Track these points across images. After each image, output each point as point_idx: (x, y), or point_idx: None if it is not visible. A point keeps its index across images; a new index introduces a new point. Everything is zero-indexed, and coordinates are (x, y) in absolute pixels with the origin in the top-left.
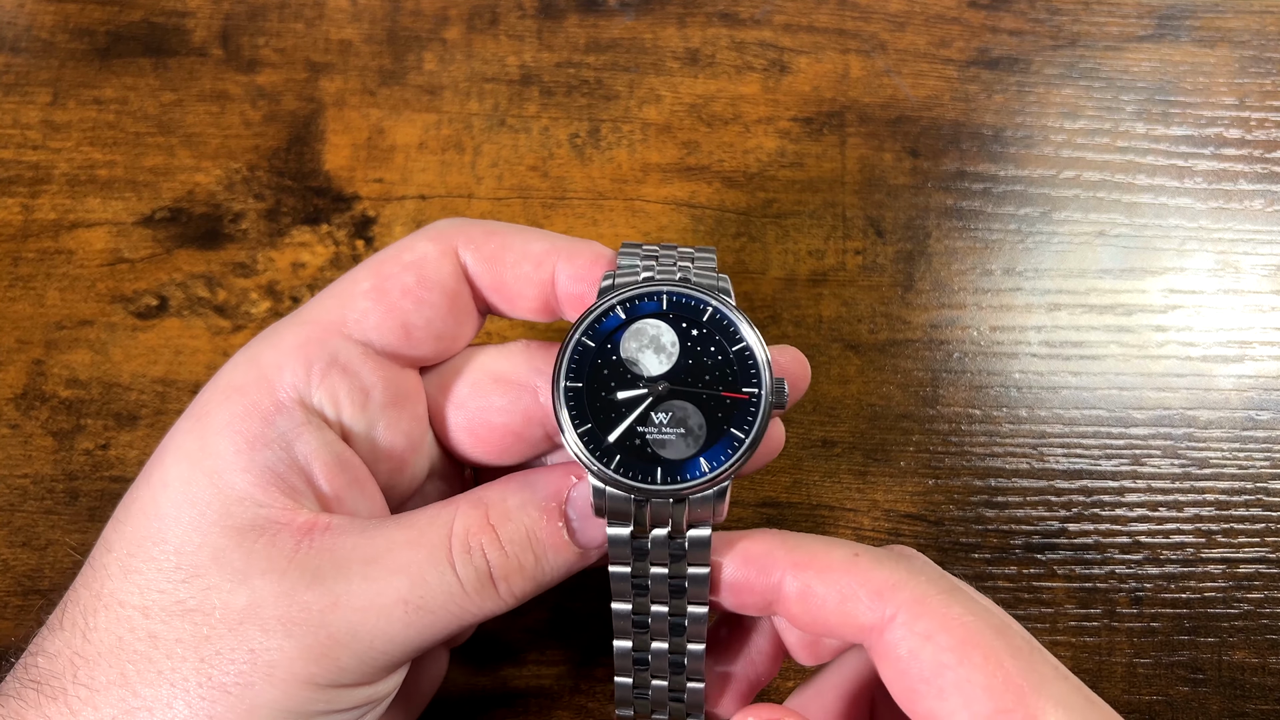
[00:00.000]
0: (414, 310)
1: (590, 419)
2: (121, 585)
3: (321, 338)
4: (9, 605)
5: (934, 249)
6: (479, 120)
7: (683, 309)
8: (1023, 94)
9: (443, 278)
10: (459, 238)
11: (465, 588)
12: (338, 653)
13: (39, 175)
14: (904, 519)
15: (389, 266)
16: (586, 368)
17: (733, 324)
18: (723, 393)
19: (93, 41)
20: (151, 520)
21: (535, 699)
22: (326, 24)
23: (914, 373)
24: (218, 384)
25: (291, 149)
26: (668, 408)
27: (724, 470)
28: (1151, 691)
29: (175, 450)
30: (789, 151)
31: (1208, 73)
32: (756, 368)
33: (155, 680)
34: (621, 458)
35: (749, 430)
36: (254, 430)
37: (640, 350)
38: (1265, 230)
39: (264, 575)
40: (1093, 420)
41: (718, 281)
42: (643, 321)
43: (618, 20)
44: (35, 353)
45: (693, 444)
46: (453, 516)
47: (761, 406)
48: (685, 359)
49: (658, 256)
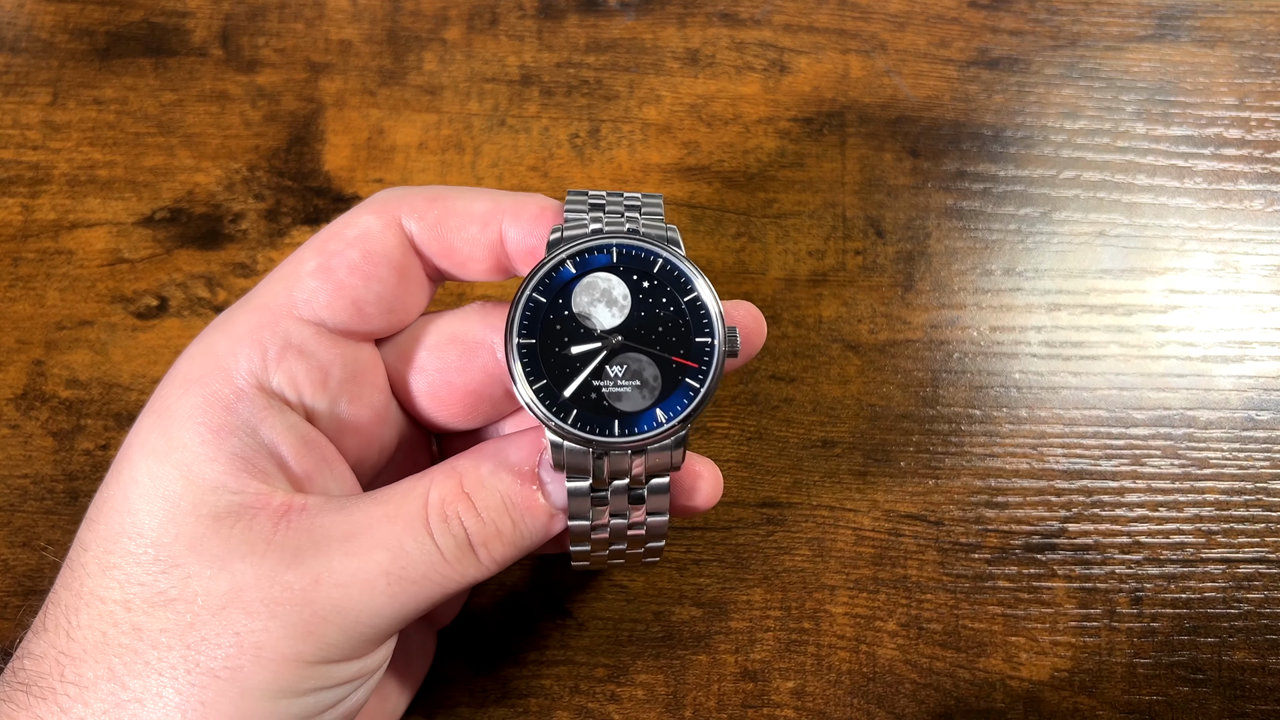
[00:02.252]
0: (363, 286)
1: (545, 374)
2: (101, 581)
3: (273, 322)
4: (9, 605)
5: (934, 249)
6: (479, 120)
7: (633, 261)
8: (1023, 94)
9: (388, 250)
10: (401, 207)
11: (445, 556)
12: (324, 629)
13: (39, 175)
14: (904, 519)
15: (333, 244)
16: (539, 323)
17: (684, 274)
18: (673, 359)
19: (93, 41)
20: (124, 516)
21: (535, 699)
22: (326, 24)
23: (914, 373)
24: (175, 377)
25: (291, 149)
26: (622, 360)
27: (680, 419)
28: (1151, 691)
29: (140, 447)
30: (789, 151)
31: (1208, 73)
32: (709, 317)
33: (143, 671)
34: (578, 412)
35: (704, 379)
36: (217, 419)
37: (592, 304)
38: (1265, 230)
39: (244, 559)
40: (1093, 420)
41: (666, 232)
42: (594, 275)
43: (618, 20)
44: (35, 353)
45: (648, 395)
46: (428, 488)
47: (715, 355)
48: (638, 311)
49: (604, 206)
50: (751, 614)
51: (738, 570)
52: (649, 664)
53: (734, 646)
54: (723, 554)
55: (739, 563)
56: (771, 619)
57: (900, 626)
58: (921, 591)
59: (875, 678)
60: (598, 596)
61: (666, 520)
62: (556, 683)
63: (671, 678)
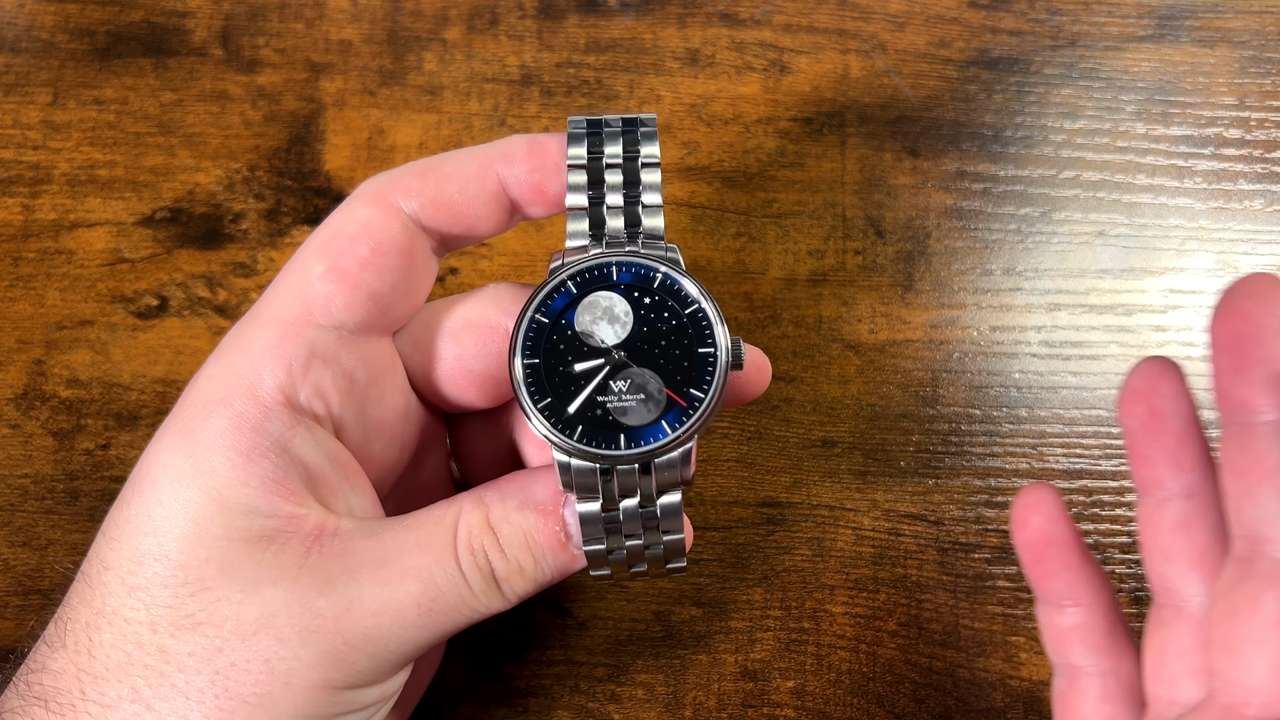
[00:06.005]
0: (377, 279)
1: (550, 393)
2: (125, 601)
3: (294, 333)
4: (9, 605)
5: (934, 249)
6: (479, 120)
7: (633, 278)
8: (1023, 94)
9: (394, 237)
10: (395, 191)
11: (473, 589)
12: (354, 657)
13: (39, 175)
14: (904, 519)
15: (337, 243)
16: (542, 344)
17: (683, 288)
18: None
19: (93, 41)
20: (149, 537)
21: (535, 699)
22: (326, 24)
23: (914, 373)
24: (196, 398)
25: (292, 149)
26: (626, 375)
27: (686, 430)
28: None
29: (164, 469)
30: (789, 151)
31: (1208, 73)
32: (710, 328)
33: (169, 694)
34: (584, 428)
35: (708, 389)
36: (247, 441)
37: (594, 322)
38: (1265, 230)
39: (275, 584)
40: (1093, 420)
41: (665, 253)
42: (595, 294)
43: (618, 20)
44: (35, 353)
45: (653, 409)
46: (456, 518)
47: (719, 366)
48: (640, 326)
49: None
50: (751, 613)
51: (738, 570)
52: (649, 663)
53: (734, 646)
54: (723, 553)
55: (739, 562)
56: (771, 619)
57: (900, 626)
58: (921, 591)
59: (875, 677)
60: (598, 596)
61: (683, 539)
62: (556, 683)
63: (671, 677)
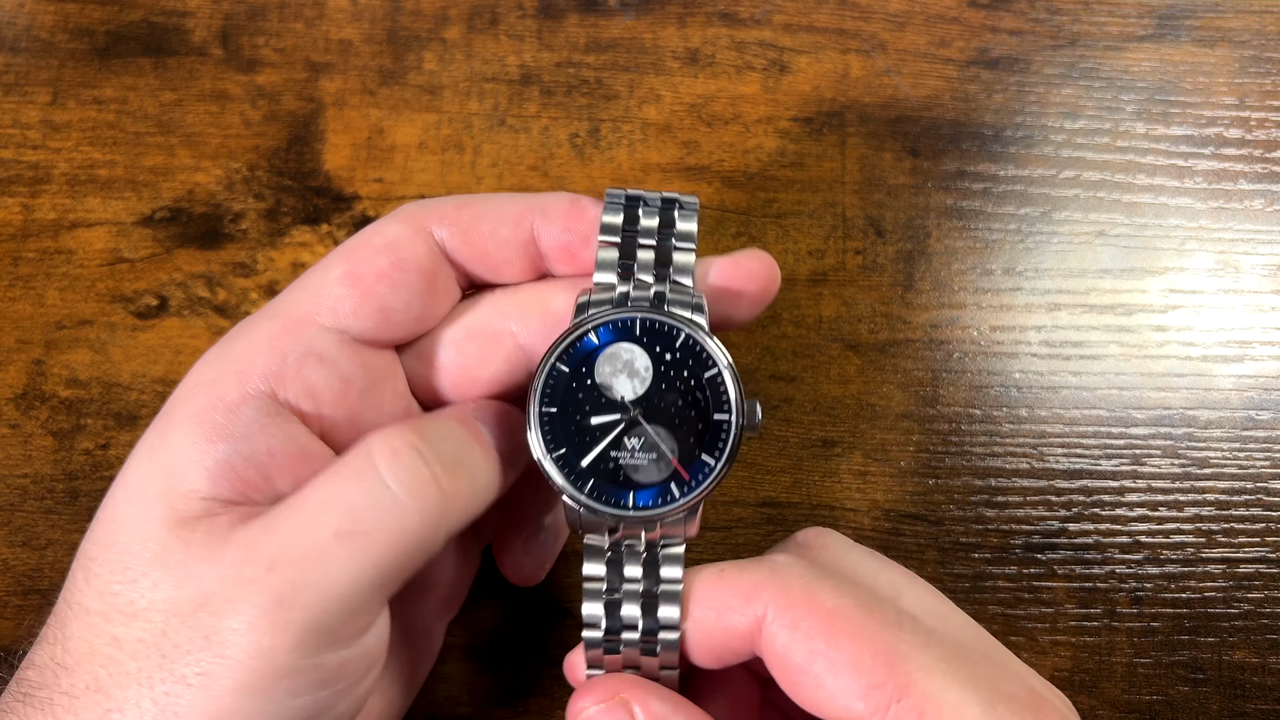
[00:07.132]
0: (391, 293)
1: (565, 443)
2: (85, 592)
3: (295, 328)
4: (9, 605)
5: (934, 249)
6: (479, 120)
7: (656, 334)
8: (1023, 94)
9: (418, 257)
10: (430, 217)
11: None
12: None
13: (39, 175)
14: (904, 519)
15: (361, 251)
16: (561, 392)
17: (705, 350)
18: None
19: (93, 41)
20: (109, 524)
21: (535, 699)
22: (326, 24)
23: (914, 373)
24: (189, 380)
25: (291, 149)
26: (640, 432)
27: (695, 496)
28: (1151, 691)
29: (139, 446)
30: (789, 151)
31: (1208, 73)
32: (726, 394)
33: (125, 681)
34: (595, 481)
35: (720, 455)
36: (214, 423)
37: (614, 375)
38: (1265, 230)
39: (205, 562)
40: (1093, 420)
41: (693, 299)
42: (618, 345)
43: (618, 20)
44: (35, 353)
45: (664, 469)
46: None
47: (732, 433)
48: (658, 384)
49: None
50: None
51: None
52: None
53: None
54: (723, 554)
55: None
56: None
57: None
58: None
59: None
60: None
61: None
62: (556, 683)
63: None
